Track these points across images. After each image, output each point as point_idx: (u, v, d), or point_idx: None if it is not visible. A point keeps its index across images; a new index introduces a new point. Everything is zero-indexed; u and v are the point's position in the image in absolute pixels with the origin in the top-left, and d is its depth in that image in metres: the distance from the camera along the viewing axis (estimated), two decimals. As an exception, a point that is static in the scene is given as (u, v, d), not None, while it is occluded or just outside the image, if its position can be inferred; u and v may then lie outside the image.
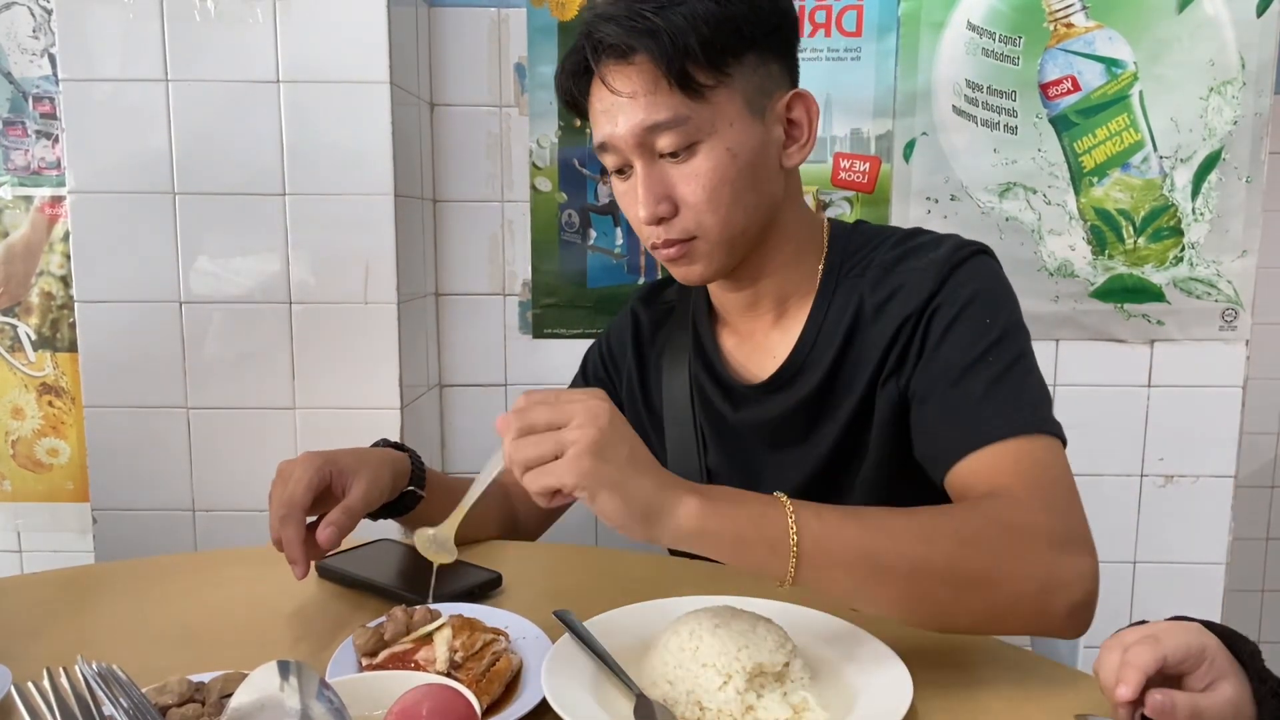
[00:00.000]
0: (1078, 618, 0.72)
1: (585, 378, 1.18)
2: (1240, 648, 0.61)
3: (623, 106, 0.87)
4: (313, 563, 0.94)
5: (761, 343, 1.00)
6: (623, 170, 0.91)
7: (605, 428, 0.65)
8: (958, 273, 0.89)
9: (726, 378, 1.01)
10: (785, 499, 0.69)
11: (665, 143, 0.86)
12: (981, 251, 0.92)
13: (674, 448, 1.06)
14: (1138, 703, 0.58)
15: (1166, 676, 0.58)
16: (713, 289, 1.03)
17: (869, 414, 0.93)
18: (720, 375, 1.02)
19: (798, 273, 0.97)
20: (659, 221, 0.89)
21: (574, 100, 0.94)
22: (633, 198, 0.90)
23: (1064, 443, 0.82)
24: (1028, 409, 0.82)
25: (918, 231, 0.97)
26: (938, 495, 0.87)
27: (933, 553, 0.70)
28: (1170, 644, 0.58)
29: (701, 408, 1.04)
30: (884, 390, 0.91)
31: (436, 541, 0.76)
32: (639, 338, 1.12)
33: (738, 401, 1.01)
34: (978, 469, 0.81)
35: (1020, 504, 0.75)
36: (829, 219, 1.01)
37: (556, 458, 0.64)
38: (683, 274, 0.94)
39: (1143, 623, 0.64)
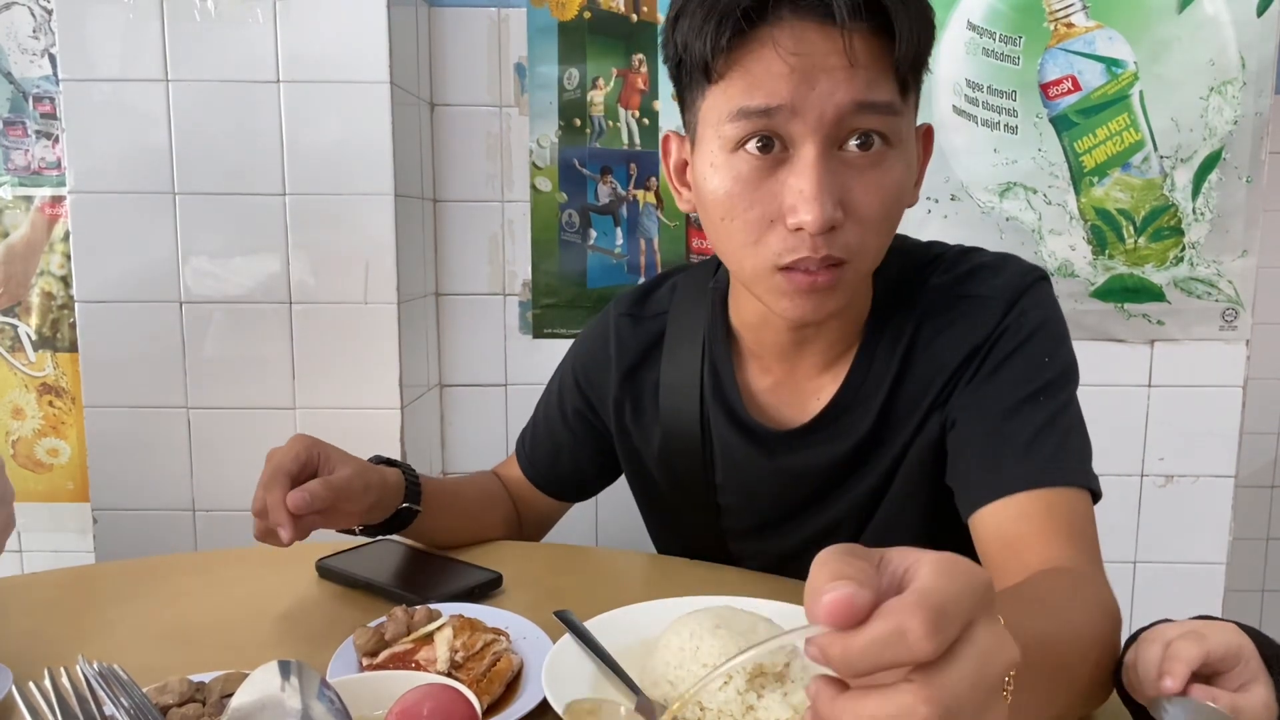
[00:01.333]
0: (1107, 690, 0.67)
1: (561, 408, 1.06)
2: (1268, 649, 0.60)
3: (833, 72, 0.69)
4: (315, 563, 0.95)
5: (803, 386, 0.89)
6: (767, 146, 0.72)
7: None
8: (1025, 298, 0.83)
9: (752, 423, 0.89)
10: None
11: (870, 123, 0.70)
12: (1043, 278, 0.86)
13: (678, 481, 0.96)
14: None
15: (1202, 675, 0.58)
16: (755, 322, 0.88)
17: (909, 449, 0.86)
18: (744, 420, 0.90)
19: (854, 312, 0.86)
20: (830, 229, 0.71)
21: (716, 49, 0.70)
22: (774, 190, 0.72)
23: (1097, 498, 0.77)
24: (1073, 459, 0.77)
25: (971, 250, 0.88)
26: (957, 525, 0.82)
27: (1077, 648, 0.61)
28: (1214, 641, 0.57)
29: (721, 452, 0.92)
30: (929, 421, 0.85)
31: None
32: (624, 362, 0.98)
33: (771, 449, 0.89)
34: (1019, 516, 0.75)
35: (1092, 581, 0.70)
36: None
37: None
38: (814, 307, 0.75)
39: (1167, 620, 0.63)
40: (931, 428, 0.85)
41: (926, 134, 0.81)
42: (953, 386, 0.84)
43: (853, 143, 0.71)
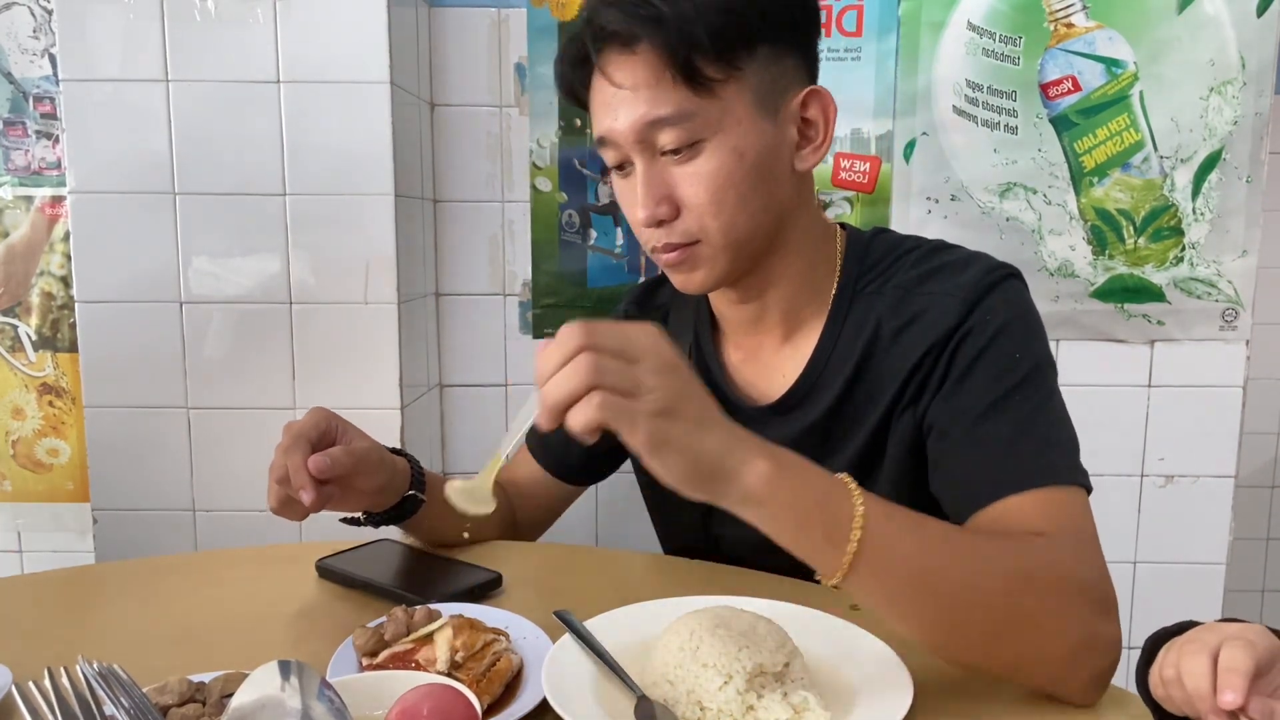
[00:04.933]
0: (1097, 687, 0.69)
1: None
2: None
3: (624, 99, 0.81)
4: (315, 563, 0.95)
5: (770, 360, 0.94)
6: (623, 167, 0.85)
7: (684, 379, 0.60)
8: (987, 299, 0.83)
9: (732, 397, 0.94)
10: (853, 485, 0.64)
11: (667, 139, 0.80)
12: (1011, 275, 0.86)
13: None
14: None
15: None
16: (715, 301, 0.97)
17: (882, 443, 0.88)
18: (724, 394, 0.94)
19: (809, 286, 0.91)
20: (659, 224, 0.83)
21: (574, 91, 0.88)
22: (632, 197, 0.85)
23: (1089, 491, 0.78)
24: (1058, 456, 0.78)
25: (942, 248, 0.90)
26: None
27: (987, 582, 0.66)
28: (1263, 646, 0.56)
29: None
30: (900, 420, 0.86)
31: (472, 494, 0.68)
32: None
33: (743, 423, 0.95)
34: (1005, 517, 0.75)
35: (1067, 556, 0.71)
36: (844, 227, 0.95)
37: (623, 395, 0.58)
38: (682, 281, 0.88)
39: (1193, 623, 0.62)
40: (904, 426, 0.86)
41: (809, 95, 0.85)
42: (919, 384, 0.85)
43: (667, 150, 0.82)
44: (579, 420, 0.58)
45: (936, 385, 0.84)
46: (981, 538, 0.72)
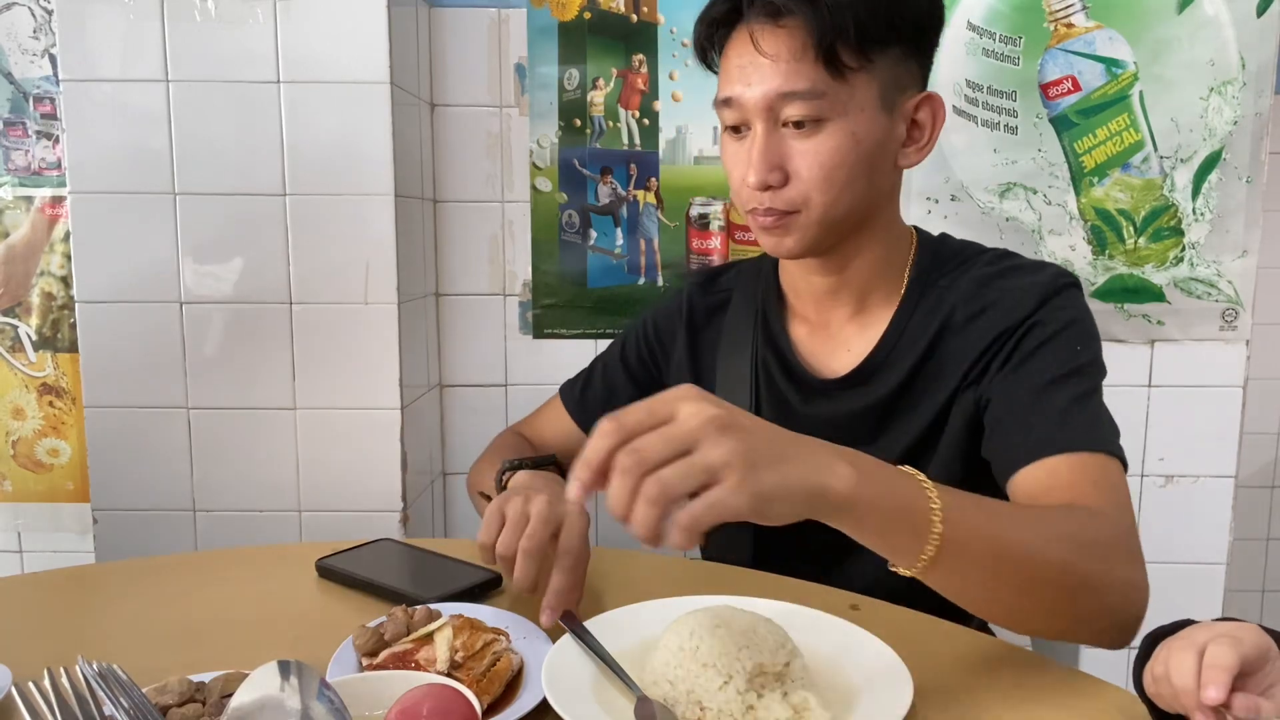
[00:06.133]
0: (1131, 630, 0.75)
1: (624, 356, 1.16)
2: None
3: (761, 68, 0.85)
4: (315, 563, 0.95)
5: (836, 335, 0.99)
6: (739, 129, 0.90)
7: (744, 429, 0.57)
8: (1057, 298, 0.90)
9: (799, 368, 1.00)
10: (921, 476, 0.66)
11: (794, 112, 0.85)
12: (1075, 285, 0.93)
13: None
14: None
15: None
16: (792, 273, 1.01)
17: (943, 422, 0.93)
18: (792, 365, 1.00)
19: (885, 271, 0.97)
20: (766, 188, 0.88)
21: (705, 49, 0.93)
22: (742, 159, 0.89)
23: (1126, 468, 0.85)
24: (1106, 430, 0.85)
25: (1011, 254, 0.97)
26: None
27: (1053, 553, 0.69)
28: (1249, 644, 0.56)
29: (768, 397, 1.01)
30: (962, 398, 0.91)
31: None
32: (693, 322, 1.10)
33: (808, 394, 0.99)
34: (1052, 475, 0.81)
35: (1109, 518, 0.77)
36: (915, 228, 1.01)
37: (706, 487, 0.55)
38: (773, 244, 0.92)
39: (1189, 621, 0.62)
40: (964, 404, 0.91)
41: (924, 100, 0.91)
42: (984, 366, 0.90)
43: (790, 122, 0.86)
44: (679, 538, 0.55)
45: (1000, 365, 0.89)
46: (1043, 511, 0.76)
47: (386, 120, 1.34)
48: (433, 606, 0.77)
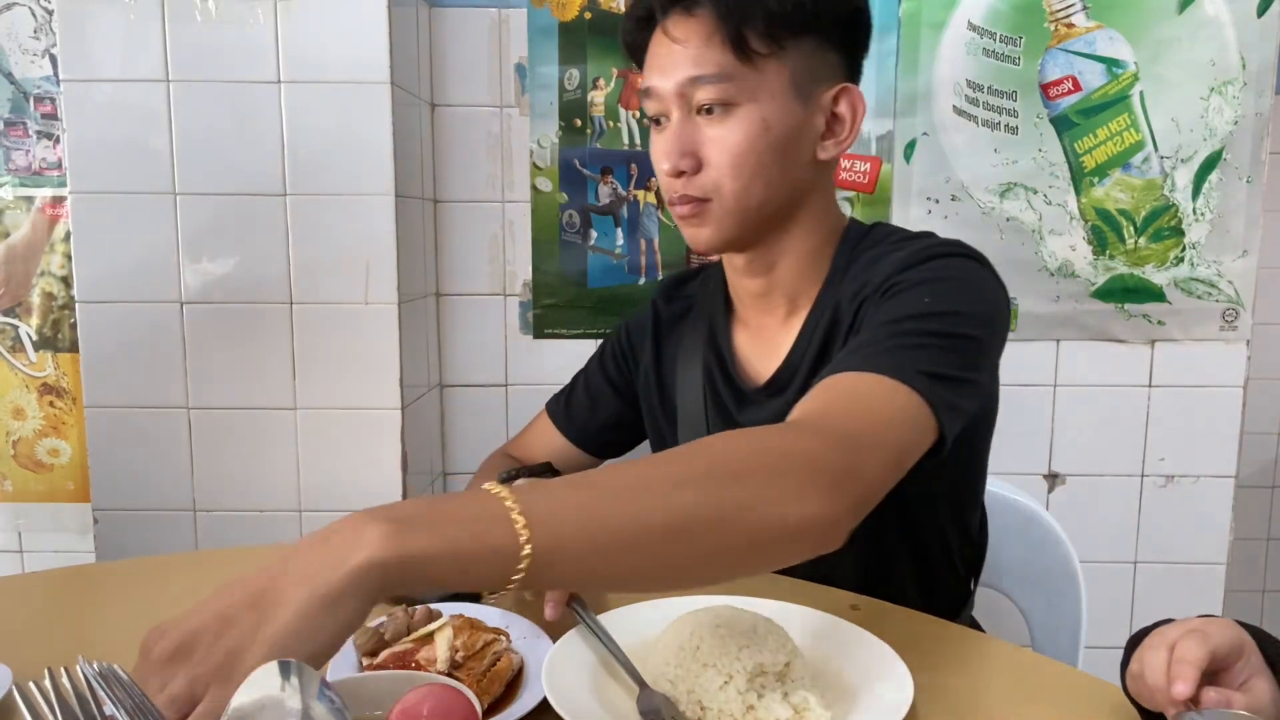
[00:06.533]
0: (817, 544, 0.63)
1: (603, 365, 1.18)
2: (1269, 647, 0.60)
3: (674, 54, 0.88)
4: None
5: (772, 339, 0.99)
6: (659, 121, 0.92)
7: (225, 604, 0.54)
8: (927, 265, 0.85)
9: (735, 375, 1.00)
10: (495, 486, 0.56)
11: (704, 96, 0.86)
12: (965, 255, 0.87)
13: (676, 443, 1.03)
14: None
15: (1206, 673, 0.57)
16: (730, 276, 1.02)
17: None
18: (730, 373, 1.01)
19: (812, 269, 0.96)
20: (679, 175, 0.89)
21: (634, 48, 0.95)
22: (662, 149, 0.91)
23: (938, 420, 0.73)
24: (912, 362, 0.74)
25: (923, 235, 0.93)
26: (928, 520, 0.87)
27: (647, 506, 0.58)
28: (1218, 638, 0.57)
29: (713, 406, 1.02)
30: None
31: None
32: (658, 331, 1.11)
33: (742, 402, 0.99)
34: (824, 389, 0.73)
35: (792, 430, 0.67)
36: (851, 219, 0.99)
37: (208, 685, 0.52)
38: (691, 234, 0.93)
39: (1168, 621, 0.63)
40: None
41: (841, 91, 0.90)
42: (848, 336, 0.88)
43: (703, 108, 0.88)
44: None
45: (858, 330, 0.85)
46: (670, 458, 0.63)
47: (387, 120, 1.34)
48: (433, 606, 0.77)
